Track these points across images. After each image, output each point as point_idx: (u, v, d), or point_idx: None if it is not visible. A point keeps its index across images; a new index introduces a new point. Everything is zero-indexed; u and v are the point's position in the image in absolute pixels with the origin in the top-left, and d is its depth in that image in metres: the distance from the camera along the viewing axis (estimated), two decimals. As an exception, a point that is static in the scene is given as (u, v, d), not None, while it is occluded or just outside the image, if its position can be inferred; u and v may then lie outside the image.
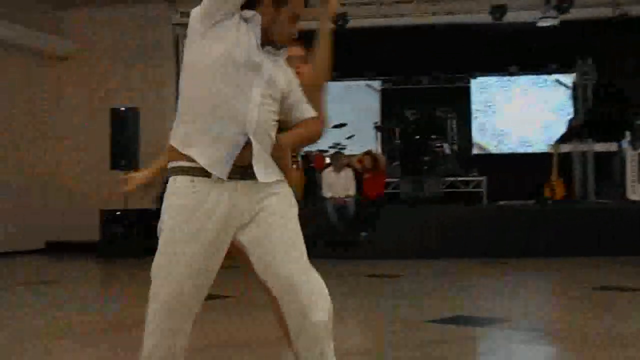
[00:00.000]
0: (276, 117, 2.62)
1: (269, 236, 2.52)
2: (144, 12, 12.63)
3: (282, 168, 2.65)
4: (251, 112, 2.51)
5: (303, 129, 2.78)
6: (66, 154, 12.74)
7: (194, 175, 2.48)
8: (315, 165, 12.89)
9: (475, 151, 15.06)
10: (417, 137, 13.74)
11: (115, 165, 11.16)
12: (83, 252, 11.74)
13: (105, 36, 12.75)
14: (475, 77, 15.21)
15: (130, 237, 11.39)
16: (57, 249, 12.37)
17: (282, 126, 2.71)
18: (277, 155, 2.63)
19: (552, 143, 13.01)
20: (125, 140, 11.24)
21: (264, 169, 2.55)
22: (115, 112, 11.47)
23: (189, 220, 2.46)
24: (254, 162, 2.51)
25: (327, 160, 13.47)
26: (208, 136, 2.48)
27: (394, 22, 12.27)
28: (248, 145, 2.49)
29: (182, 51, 12.06)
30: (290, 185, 2.69)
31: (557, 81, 15.20)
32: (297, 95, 2.73)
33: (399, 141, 13.76)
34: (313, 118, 2.78)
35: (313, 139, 2.94)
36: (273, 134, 2.60)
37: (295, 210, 2.65)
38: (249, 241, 2.54)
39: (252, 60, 2.53)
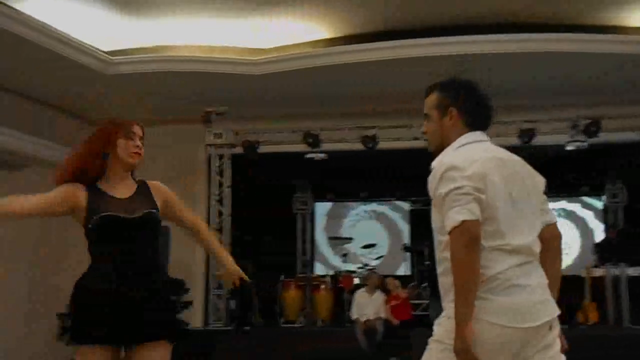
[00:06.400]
0: None
1: None
2: (180, 131, 12.80)
3: None
4: None
5: None
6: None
7: None
8: (343, 284, 12.73)
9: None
10: (446, 258, 13.51)
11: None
12: None
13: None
14: (504, 199, 15.10)
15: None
16: None
17: None
18: None
19: (584, 267, 12.80)
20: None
21: None
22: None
23: None
24: None
25: (356, 280, 13.35)
26: None
27: (422, 144, 12.32)
28: None
29: (214, 170, 12.01)
30: None
31: (587, 204, 15.10)
32: None
33: (428, 262, 13.58)
34: None
35: None
36: None
37: None
38: None
39: None
